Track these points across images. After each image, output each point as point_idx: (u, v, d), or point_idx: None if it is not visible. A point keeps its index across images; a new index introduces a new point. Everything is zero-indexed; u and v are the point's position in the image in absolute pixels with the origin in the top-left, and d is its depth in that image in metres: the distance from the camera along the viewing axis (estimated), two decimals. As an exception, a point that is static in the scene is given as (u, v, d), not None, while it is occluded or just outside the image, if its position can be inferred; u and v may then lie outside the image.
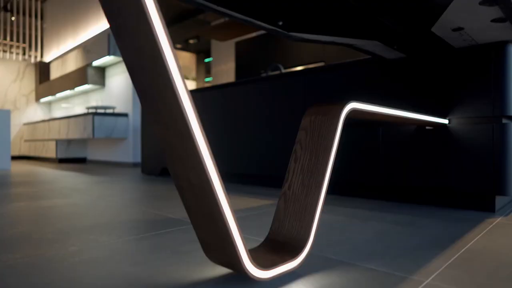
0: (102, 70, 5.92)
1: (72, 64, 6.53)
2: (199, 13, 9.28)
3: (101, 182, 3.11)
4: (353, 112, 1.10)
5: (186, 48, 12.98)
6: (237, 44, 7.02)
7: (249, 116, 2.77)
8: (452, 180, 1.76)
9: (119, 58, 5.40)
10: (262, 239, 1.21)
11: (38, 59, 8.56)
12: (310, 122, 1.08)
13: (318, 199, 0.95)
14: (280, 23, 1.39)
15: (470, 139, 1.71)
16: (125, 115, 5.26)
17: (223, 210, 0.73)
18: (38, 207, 1.86)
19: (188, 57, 13.54)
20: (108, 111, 5.49)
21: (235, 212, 1.74)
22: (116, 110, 5.52)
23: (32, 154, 7.21)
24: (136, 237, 1.27)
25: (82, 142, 6.46)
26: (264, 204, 1.94)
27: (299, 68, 5.14)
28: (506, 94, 1.63)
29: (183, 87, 0.62)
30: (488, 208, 1.69)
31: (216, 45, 9.42)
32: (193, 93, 3.32)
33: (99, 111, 5.49)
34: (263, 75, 5.48)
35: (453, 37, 1.57)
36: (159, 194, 2.35)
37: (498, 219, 1.53)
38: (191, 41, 12.25)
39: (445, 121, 1.77)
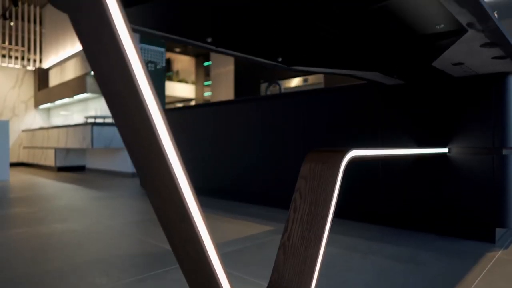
0: (101, 78, 5.90)
1: (71, 72, 6.52)
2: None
3: (99, 199, 3.10)
4: (354, 158, 1.10)
5: (185, 51, 12.98)
6: (237, 51, 7.00)
7: (248, 134, 2.76)
8: (452, 209, 1.76)
9: (118, 67, 5.38)
10: (261, 282, 1.21)
11: (37, 63, 8.54)
12: (310, 170, 1.07)
13: (317, 253, 0.95)
14: (280, 59, 1.38)
15: (470, 169, 1.71)
16: (124, 124, 5.24)
17: (219, 280, 0.73)
18: (36, 236, 1.85)
19: (187, 61, 13.54)
20: (107, 120, 5.48)
21: (232, 242, 1.73)
22: (115, 119, 5.51)
23: (31, 161, 7.20)
24: (135, 278, 1.26)
25: (81, 150, 6.45)
26: (262, 232, 1.94)
27: (297, 79, 5.13)
28: (506, 125, 1.63)
29: (177, 161, 0.61)
30: (488, 238, 1.69)
31: (216, 50, 9.37)
32: (192, 109, 3.31)
33: (98, 120, 5.47)
34: (264, 86, 5.46)
35: (453, 69, 1.56)
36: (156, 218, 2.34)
37: (498, 253, 1.52)
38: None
39: (445, 150, 1.77)
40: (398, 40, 1.16)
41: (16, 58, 8.35)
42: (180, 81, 13.03)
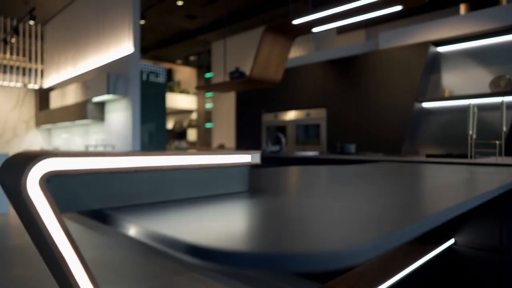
0: (101, 105, 5.87)
1: (72, 97, 6.50)
2: (199, 34, 9.25)
3: (99, 249, 3.06)
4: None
5: (186, 63, 12.95)
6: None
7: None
8: (458, 303, 1.71)
9: (119, 96, 5.36)
10: None
11: (39, 77, 8.51)
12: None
13: None
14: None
15: (477, 266, 1.66)
16: (124, 154, 5.21)
17: None
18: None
19: (189, 71, 13.49)
20: (107, 149, 5.45)
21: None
22: (116, 147, 5.48)
23: (32, 182, 7.17)
24: None
25: (82, 174, 6.42)
26: (264, 317, 1.89)
27: (297, 112, 5.07)
28: (515, 226, 1.57)
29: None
30: (496, 338, 1.64)
31: (217, 61, 9.37)
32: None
33: (98, 149, 5.44)
34: (265, 116, 5.35)
35: (460, 171, 1.51)
36: None
37: None
38: (191, 58, 12.22)
39: (451, 241, 1.72)
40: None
41: (18, 69, 8.30)
42: (182, 91, 12.92)
